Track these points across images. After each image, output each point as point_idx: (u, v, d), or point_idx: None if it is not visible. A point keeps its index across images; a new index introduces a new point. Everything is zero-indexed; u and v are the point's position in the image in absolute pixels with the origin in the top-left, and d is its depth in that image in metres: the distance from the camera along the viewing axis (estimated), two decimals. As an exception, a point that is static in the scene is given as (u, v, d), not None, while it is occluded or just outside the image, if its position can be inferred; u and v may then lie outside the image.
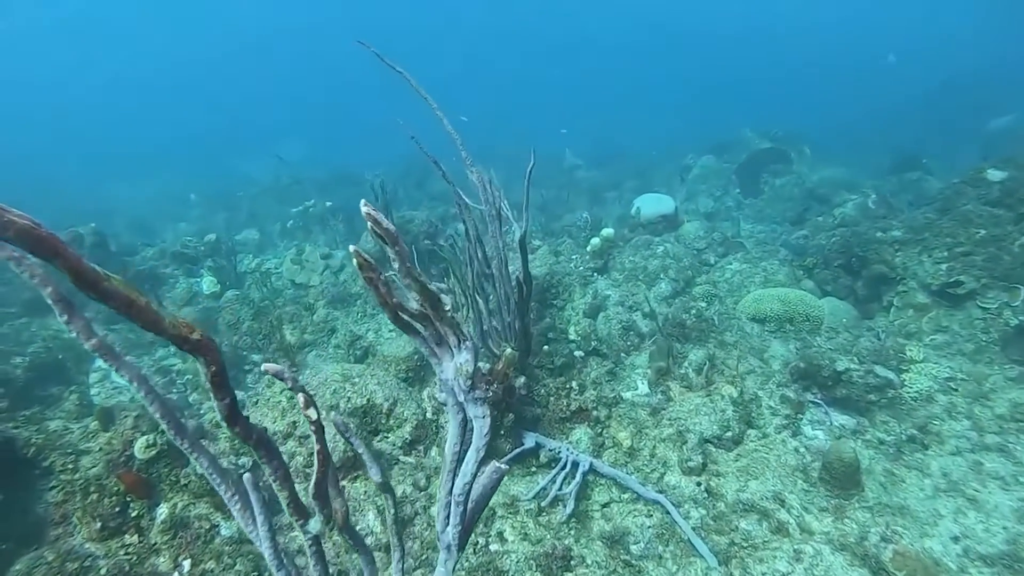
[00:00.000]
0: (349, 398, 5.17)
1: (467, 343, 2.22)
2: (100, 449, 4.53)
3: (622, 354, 7.31)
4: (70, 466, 4.38)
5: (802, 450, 5.21)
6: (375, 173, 10.55)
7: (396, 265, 2.28)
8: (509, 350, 5.29)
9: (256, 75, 61.06)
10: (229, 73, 61.09)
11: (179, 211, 19.86)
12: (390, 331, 8.04)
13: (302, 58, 63.38)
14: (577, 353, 6.48)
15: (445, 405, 2.17)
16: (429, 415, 5.04)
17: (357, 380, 5.32)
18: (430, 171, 21.71)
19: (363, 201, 2.28)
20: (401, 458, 4.82)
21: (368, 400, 5.16)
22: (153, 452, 4.01)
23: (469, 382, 2.16)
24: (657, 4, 60.73)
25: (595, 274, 9.12)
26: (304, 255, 10.82)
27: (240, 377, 7.56)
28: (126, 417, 4.71)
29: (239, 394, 6.79)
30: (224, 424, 1.73)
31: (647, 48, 59.27)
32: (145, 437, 4.05)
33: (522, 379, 5.22)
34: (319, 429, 2.06)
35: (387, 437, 5.00)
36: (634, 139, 24.19)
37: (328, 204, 15.66)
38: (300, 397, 2.02)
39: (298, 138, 33.02)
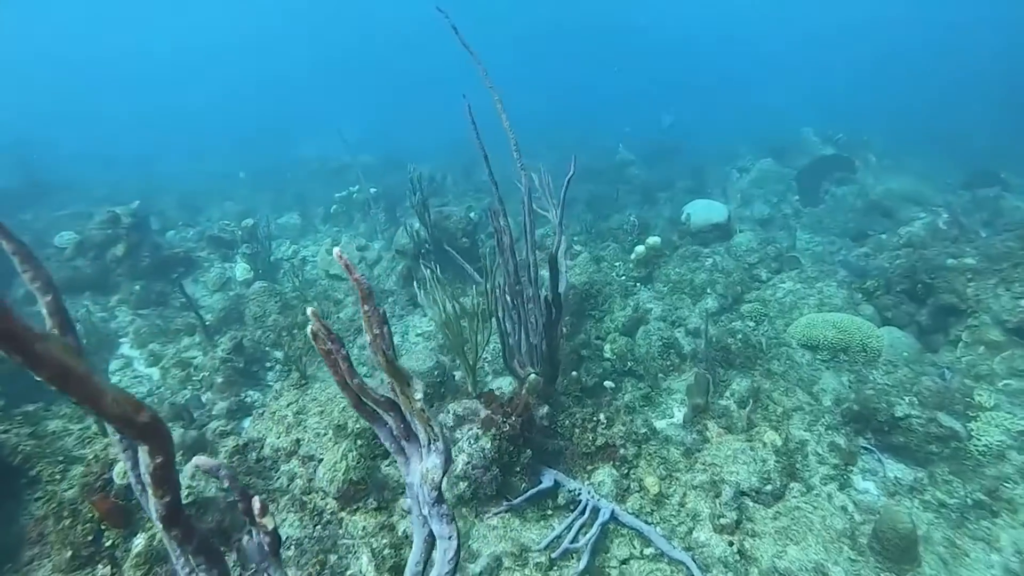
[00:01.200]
0: (358, 418, 4.87)
1: (438, 444, 1.85)
2: (88, 462, 4.32)
3: (660, 375, 6.87)
4: (57, 476, 4.18)
5: (850, 508, 4.69)
6: (414, 165, 10.08)
7: (366, 328, 1.93)
8: (533, 376, 4.91)
9: (320, 56, 61.41)
10: (293, 53, 61.59)
11: (229, 189, 19.92)
12: (417, 335, 7.74)
13: (362, 40, 63.58)
14: (607, 384, 6.02)
15: (409, 513, 1.79)
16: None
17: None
18: (479, 160, 21.45)
19: (336, 249, 1.94)
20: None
21: (380, 420, 4.86)
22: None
23: (435, 493, 1.80)
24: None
25: (638, 284, 8.65)
26: (340, 246, 10.58)
27: (261, 374, 7.36)
28: (127, 424, 4.49)
29: (253, 394, 6.58)
30: (160, 524, 1.41)
31: (704, 42, 57.57)
32: (128, 461, 3.81)
33: (545, 409, 4.84)
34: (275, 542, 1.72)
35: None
36: (689, 137, 23.37)
37: (372, 191, 15.44)
38: (255, 503, 1.68)
39: (355, 121, 32.97)
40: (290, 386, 5.35)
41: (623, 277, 8.71)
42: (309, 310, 2.00)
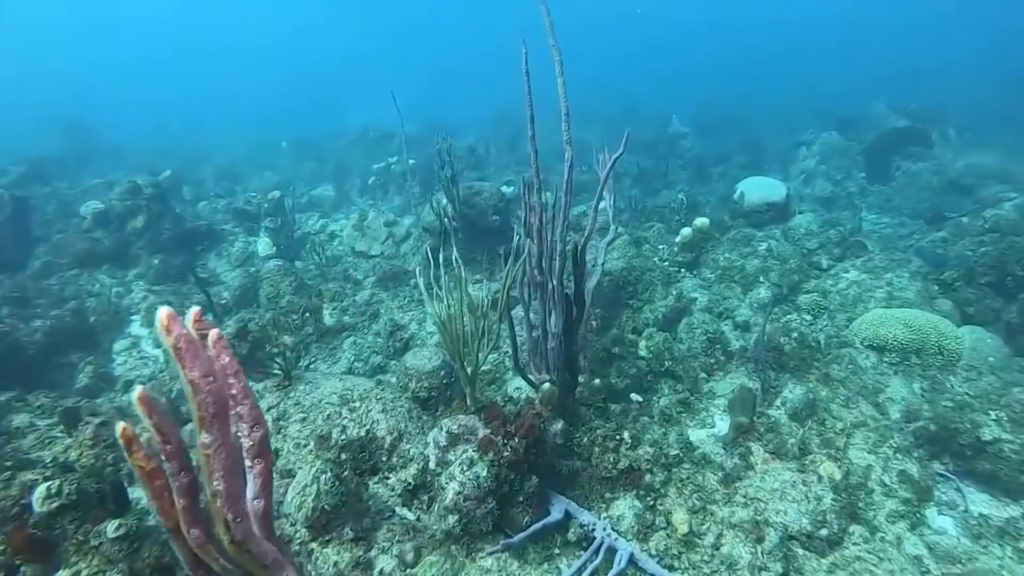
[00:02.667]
0: (344, 427, 4.27)
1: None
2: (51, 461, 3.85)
3: (702, 375, 6.12)
4: (0, 486, 3.70)
5: (925, 557, 3.89)
6: (445, 135, 9.39)
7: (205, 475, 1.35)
8: (547, 385, 4.23)
9: (373, 25, 60.67)
10: (347, 23, 60.95)
11: (270, 160, 19.61)
12: (435, 324, 7.14)
13: (415, 6, 62.47)
14: (634, 396, 5.26)
15: None
16: (432, 464, 4.01)
17: (358, 405, 4.41)
18: (524, 131, 20.65)
19: (138, 390, 1.43)
20: (397, 510, 3.88)
21: (368, 432, 4.25)
22: (56, 504, 3.23)
23: None
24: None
25: (682, 271, 7.84)
26: (367, 221, 10.02)
27: (268, 362, 6.86)
28: (87, 425, 4.00)
29: (255, 386, 6.07)
30: None
31: (770, 8, 54.64)
32: (48, 484, 3.26)
33: (560, 424, 4.16)
34: None
35: (387, 479, 4.07)
36: (748, 108, 22.05)
37: (411, 162, 14.84)
38: None
39: (403, 90, 32.36)
40: (273, 387, 4.81)
41: (666, 262, 7.90)
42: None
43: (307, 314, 7.13)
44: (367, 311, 7.43)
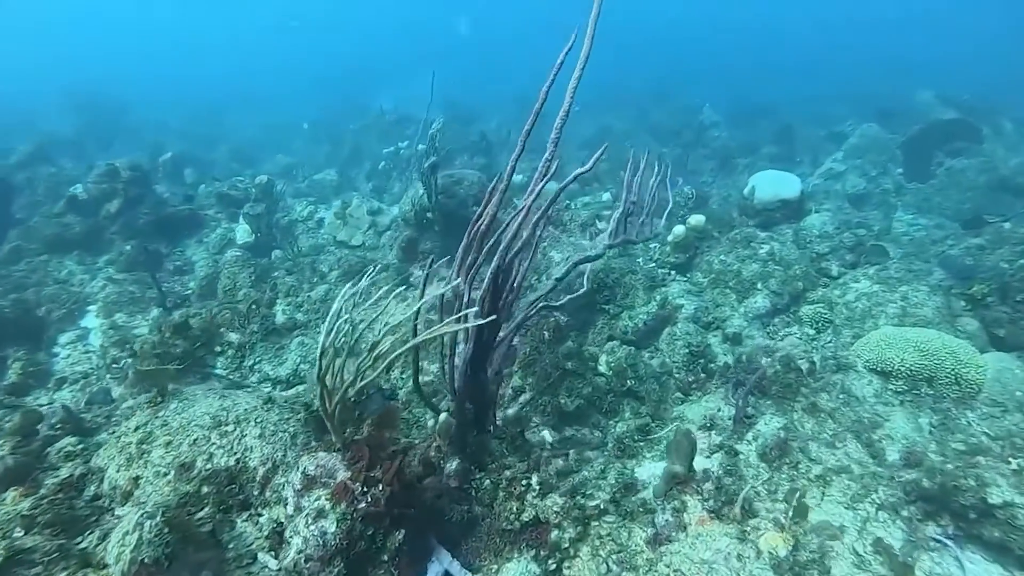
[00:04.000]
0: (211, 455, 3.67)
1: None
2: None
3: (676, 394, 5.38)
4: None
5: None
6: (436, 118, 8.75)
7: None
8: (443, 416, 3.55)
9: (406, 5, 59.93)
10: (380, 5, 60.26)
11: (287, 141, 19.26)
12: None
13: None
14: (546, 435, 4.47)
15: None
16: (290, 510, 3.37)
17: (231, 429, 3.81)
18: (544, 117, 19.88)
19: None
20: (260, 556, 3.27)
21: (239, 461, 3.64)
22: None
23: None
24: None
25: (672, 273, 7.06)
26: (350, 209, 9.44)
27: (208, 358, 6.34)
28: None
29: (129, 401, 5.54)
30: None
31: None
32: None
33: (455, 463, 3.48)
34: None
35: (257, 518, 3.46)
36: (785, 97, 20.81)
37: (420, 147, 14.24)
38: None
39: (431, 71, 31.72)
40: (145, 403, 4.24)
41: (653, 263, 7.12)
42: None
43: (255, 309, 6.57)
44: (321, 308, 6.84)
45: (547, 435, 3.80)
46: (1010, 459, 4.43)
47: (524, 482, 3.51)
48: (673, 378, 5.60)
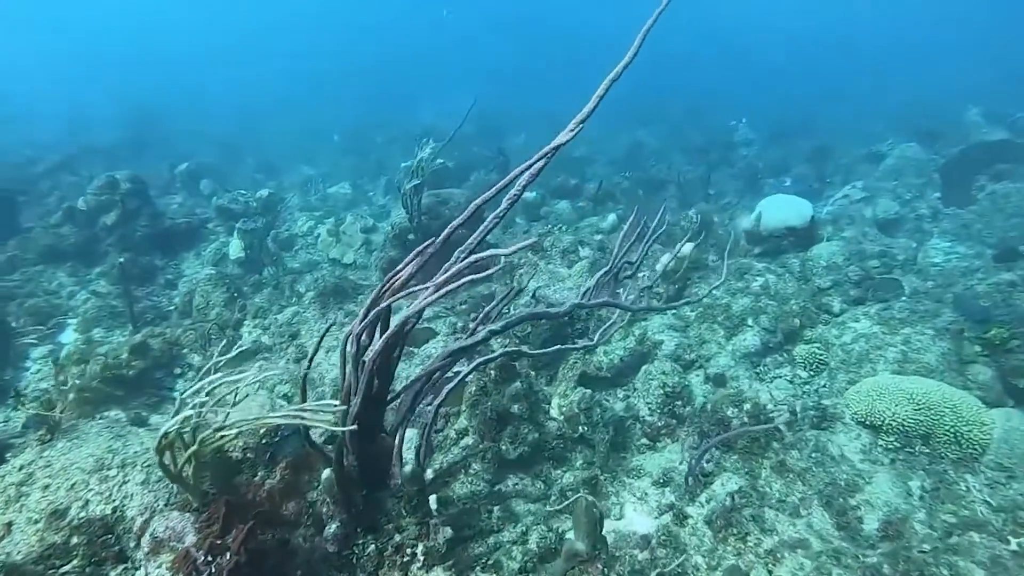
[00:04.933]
0: (87, 501, 3.40)
1: None
2: None
3: (643, 441, 4.93)
4: None
5: None
6: (425, 139, 8.43)
7: None
8: (326, 472, 3.18)
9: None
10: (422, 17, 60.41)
11: (315, 152, 19.29)
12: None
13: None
14: (431, 501, 3.86)
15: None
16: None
17: (114, 474, 3.53)
18: (574, 140, 19.48)
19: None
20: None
21: (116, 509, 3.36)
22: None
23: None
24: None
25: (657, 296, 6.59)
26: (343, 227, 9.22)
27: (167, 380, 6.15)
28: None
29: (121, 414, 5.32)
30: None
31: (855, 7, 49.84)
32: None
33: (334, 526, 3.12)
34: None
35: (133, 572, 3.16)
36: (827, 114, 19.95)
37: (439, 162, 14.01)
38: None
39: (468, 90, 31.61)
40: (35, 439, 4.01)
41: (634, 295, 6.66)
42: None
43: (215, 331, 6.35)
44: (287, 332, 6.59)
45: (432, 499, 3.38)
46: (1010, 537, 3.88)
47: (410, 550, 3.12)
48: (640, 423, 5.14)
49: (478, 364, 4.16)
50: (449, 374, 4.93)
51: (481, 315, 4.00)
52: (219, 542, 2.72)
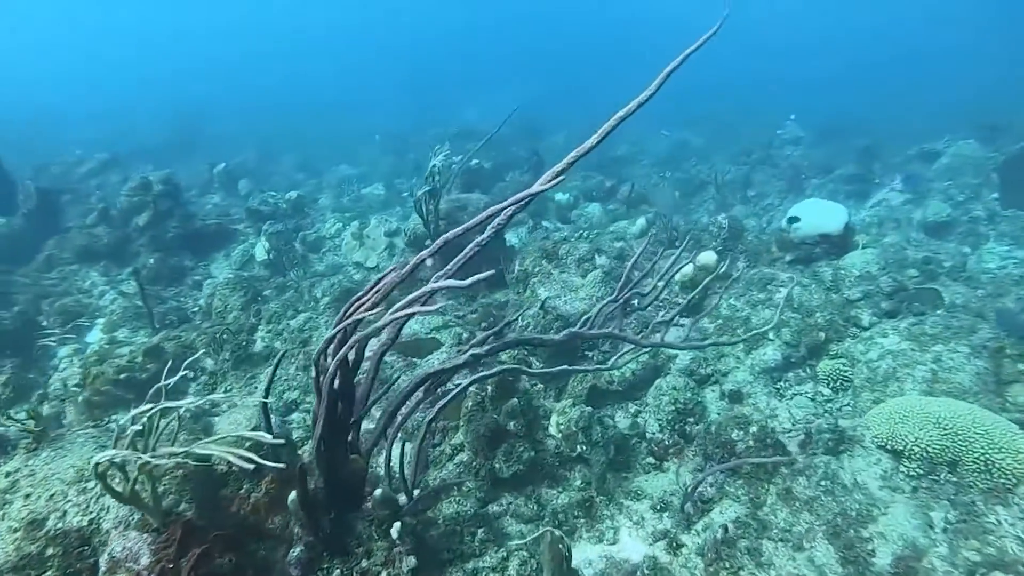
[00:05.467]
0: (65, 512, 3.39)
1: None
2: None
3: (648, 460, 4.74)
4: None
5: None
6: (437, 145, 8.31)
7: None
8: (292, 495, 3.09)
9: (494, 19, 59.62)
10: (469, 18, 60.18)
11: (355, 152, 19.45)
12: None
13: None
14: (394, 531, 3.60)
15: None
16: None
17: (92, 486, 3.51)
18: (615, 138, 19.18)
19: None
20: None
21: (92, 522, 3.34)
22: None
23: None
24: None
25: (677, 317, 6.33)
26: (367, 230, 9.21)
27: (180, 385, 6.20)
28: None
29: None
30: None
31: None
32: None
33: (298, 550, 3.03)
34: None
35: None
36: (881, 112, 19.17)
37: (474, 163, 13.94)
38: None
39: (518, 86, 31.44)
40: (24, 447, 4.02)
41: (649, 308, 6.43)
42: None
43: (228, 336, 6.37)
44: (299, 336, 6.58)
45: (395, 529, 3.23)
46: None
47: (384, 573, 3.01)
48: (646, 441, 4.94)
49: (475, 380, 4.05)
50: (450, 386, 4.83)
51: (474, 341, 3.87)
52: (171, 566, 2.66)
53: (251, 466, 2.46)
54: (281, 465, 2.72)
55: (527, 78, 34.17)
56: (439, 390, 5.07)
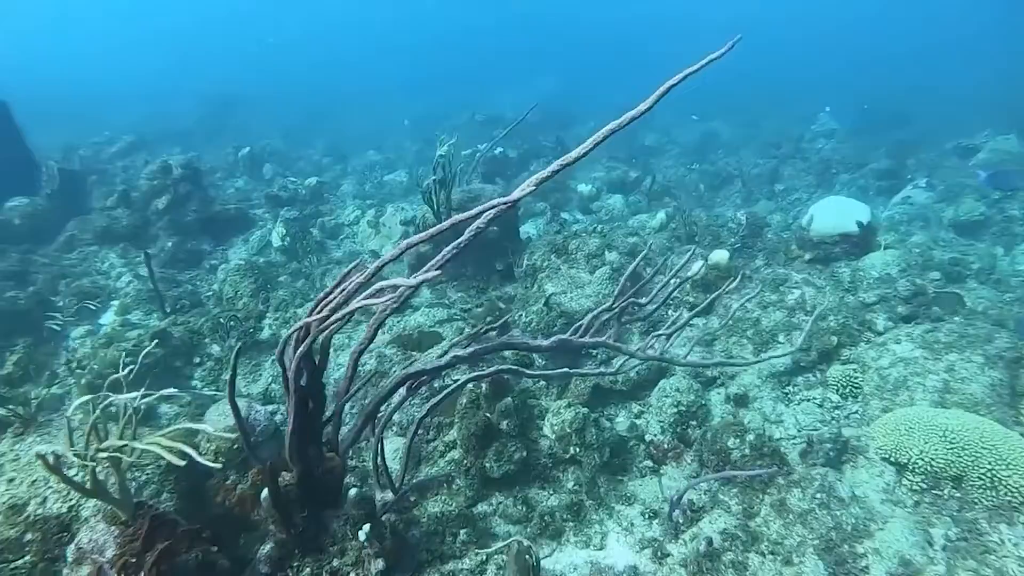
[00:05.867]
0: (45, 499, 3.44)
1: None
2: None
3: (646, 463, 4.66)
4: None
5: None
6: (441, 136, 8.23)
7: None
8: (265, 492, 3.08)
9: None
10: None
11: (383, 137, 19.47)
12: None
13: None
14: (362, 533, 3.46)
15: None
16: None
17: (73, 473, 3.54)
18: (644, 120, 18.85)
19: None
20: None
21: (71, 508, 3.38)
22: None
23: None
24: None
25: (685, 316, 6.21)
26: (383, 218, 9.20)
27: (186, 370, 6.27)
28: None
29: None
30: None
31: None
32: None
33: (268, 547, 3.03)
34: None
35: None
36: (923, 103, 18.59)
37: (498, 151, 13.86)
38: None
39: (553, 73, 31.13)
40: (13, 432, 4.08)
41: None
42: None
43: (234, 322, 6.41)
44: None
45: (362, 533, 3.19)
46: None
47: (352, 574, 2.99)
48: (645, 444, 4.85)
49: (472, 378, 4.01)
50: (448, 381, 4.80)
51: (455, 340, 3.82)
52: (134, 560, 2.67)
53: (183, 462, 2.45)
54: (217, 465, 2.71)
55: (563, 66, 33.85)
56: (436, 385, 5.07)
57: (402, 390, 3.60)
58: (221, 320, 6.40)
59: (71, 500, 3.45)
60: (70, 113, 19.64)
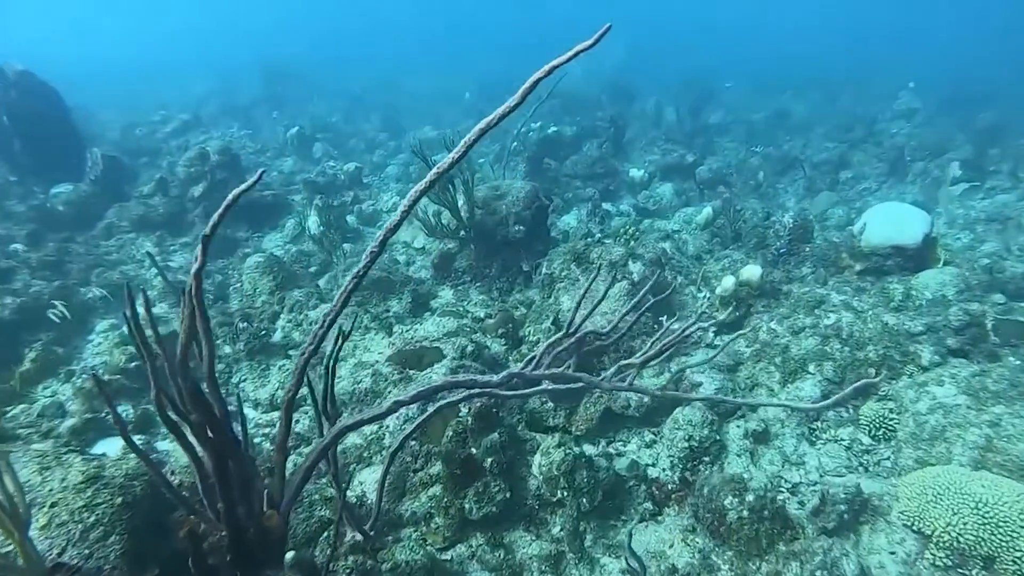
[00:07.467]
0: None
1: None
2: None
3: (646, 505, 4.34)
4: None
5: None
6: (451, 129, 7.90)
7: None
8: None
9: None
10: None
11: (442, 112, 19.23)
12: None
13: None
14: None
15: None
16: None
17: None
18: (712, 96, 17.85)
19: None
20: None
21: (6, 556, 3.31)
22: None
23: None
24: None
25: (714, 336, 5.78)
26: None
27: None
28: None
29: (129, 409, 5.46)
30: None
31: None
32: None
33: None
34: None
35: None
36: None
37: (552, 130, 13.40)
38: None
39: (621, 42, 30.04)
40: None
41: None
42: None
43: (244, 324, 6.34)
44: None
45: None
46: None
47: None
48: (646, 484, 4.51)
49: (433, 412, 3.74)
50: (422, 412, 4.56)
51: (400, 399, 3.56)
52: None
53: None
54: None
55: (633, 35, 32.63)
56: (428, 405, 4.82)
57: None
58: (231, 322, 6.33)
59: (8, 546, 3.37)
60: (136, 91, 20.15)
